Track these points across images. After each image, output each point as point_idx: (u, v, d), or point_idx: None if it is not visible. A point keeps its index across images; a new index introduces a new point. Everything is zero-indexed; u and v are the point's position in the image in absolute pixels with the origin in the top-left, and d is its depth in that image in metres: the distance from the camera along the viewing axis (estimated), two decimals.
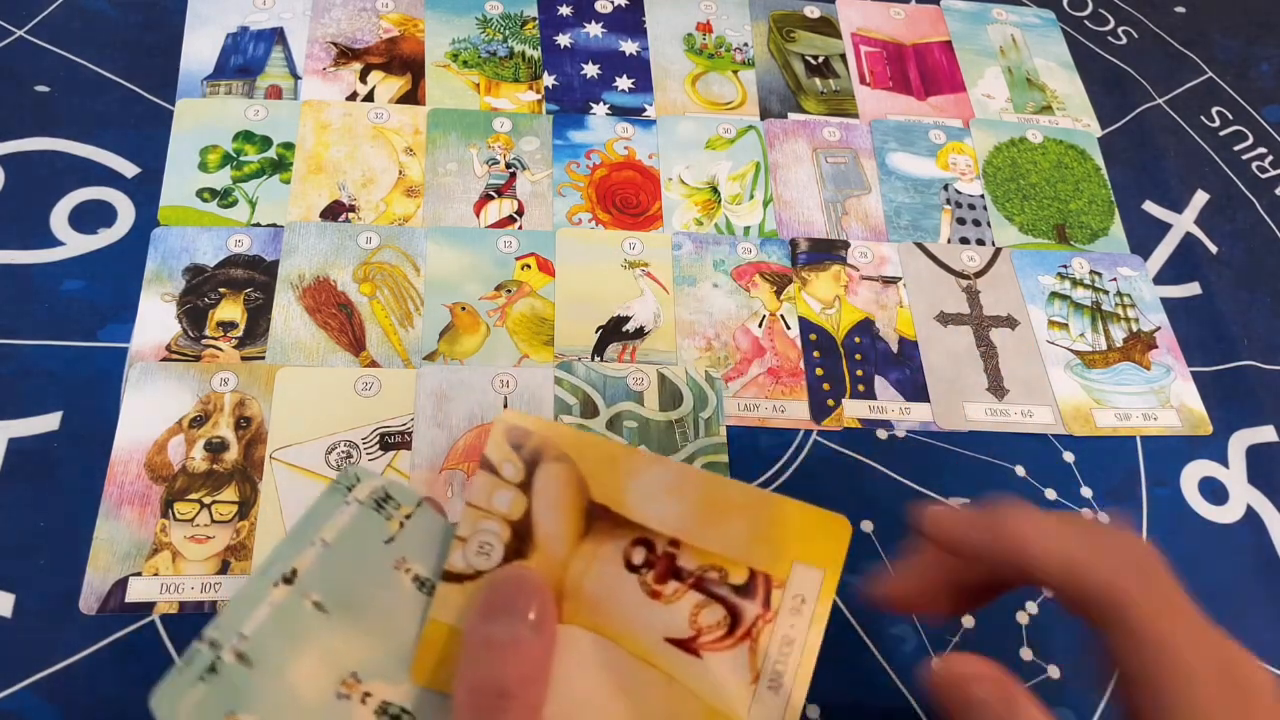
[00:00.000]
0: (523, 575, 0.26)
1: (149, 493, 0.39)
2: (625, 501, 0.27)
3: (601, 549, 0.27)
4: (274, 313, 0.44)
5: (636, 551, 0.27)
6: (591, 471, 0.27)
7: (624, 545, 0.27)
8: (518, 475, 0.27)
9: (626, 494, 0.27)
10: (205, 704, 0.24)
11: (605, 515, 0.27)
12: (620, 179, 0.51)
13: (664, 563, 0.27)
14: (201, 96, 0.49)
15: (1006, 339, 0.48)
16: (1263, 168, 0.58)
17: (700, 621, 0.26)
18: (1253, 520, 0.45)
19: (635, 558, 0.27)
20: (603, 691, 0.26)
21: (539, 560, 0.26)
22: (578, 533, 0.27)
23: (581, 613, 0.26)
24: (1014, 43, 0.60)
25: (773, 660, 0.26)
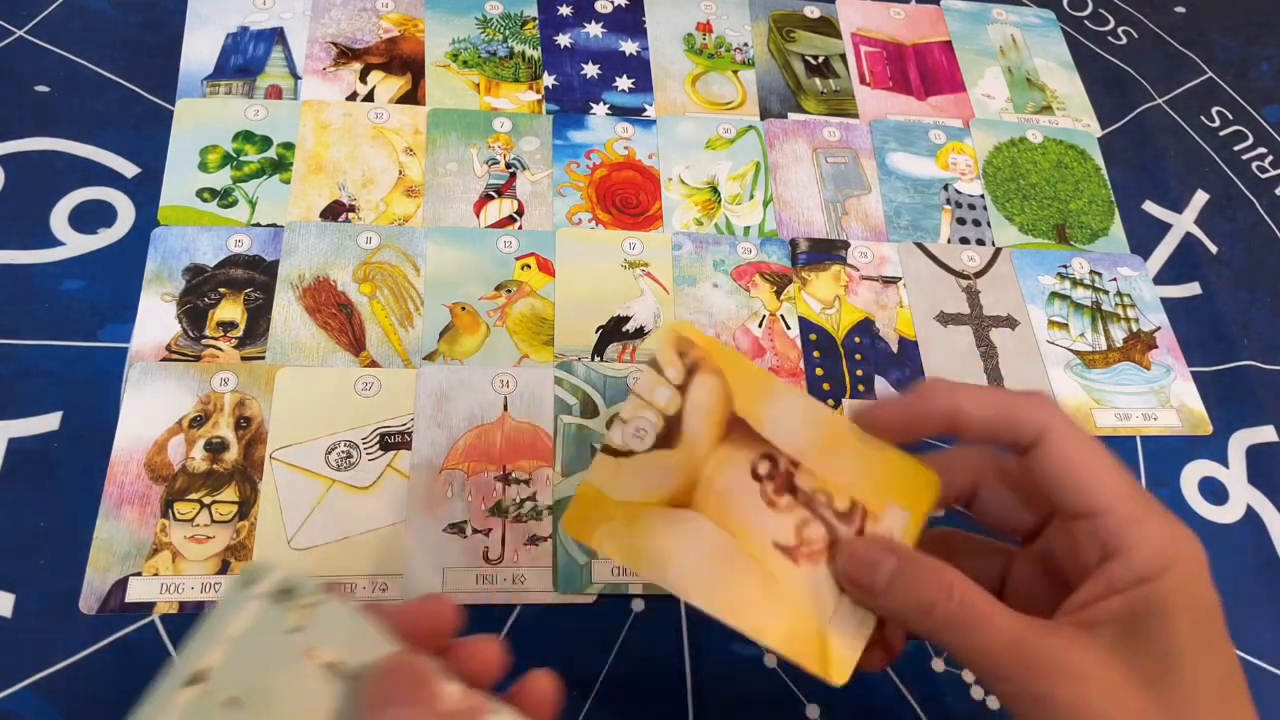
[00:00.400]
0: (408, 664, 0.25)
1: (149, 493, 0.39)
2: (763, 420, 0.31)
3: (735, 455, 0.30)
4: (274, 313, 0.44)
5: (763, 464, 0.31)
6: (739, 388, 0.31)
7: (753, 457, 0.31)
8: (678, 378, 0.31)
9: (765, 414, 0.31)
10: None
11: (743, 427, 0.31)
12: (620, 179, 0.51)
13: (783, 479, 0.31)
14: (201, 96, 0.49)
15: (1006, 339, 0.48)
16: (1263, 168, 0.58)
17: (804, 535, 0.30)
18: (1253, 520, 0.45)
19: (761, 469, 0.31)
20: (715, 574, 0.30)
21: (681, 453, 0.30)
22: (718, 437, 0.30)
23: (709, 505, 0.30)
24: (1014, 43, 0.60)
25: None
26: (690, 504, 0.30)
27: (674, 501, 0.30)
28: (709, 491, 0.30)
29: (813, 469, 0.31)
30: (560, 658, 0.38)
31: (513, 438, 0.42)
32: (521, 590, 0.39)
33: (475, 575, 0.39)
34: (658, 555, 0.30)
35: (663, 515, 0.30)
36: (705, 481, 0.30)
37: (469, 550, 0.39)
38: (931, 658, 0.40)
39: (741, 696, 0.38)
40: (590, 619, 0.39)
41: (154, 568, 0.37)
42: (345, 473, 0.40)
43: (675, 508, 0.30)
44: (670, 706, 0.37)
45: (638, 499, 0.30)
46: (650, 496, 0.30)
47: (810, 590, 0.30)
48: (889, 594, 0.29)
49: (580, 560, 0.40)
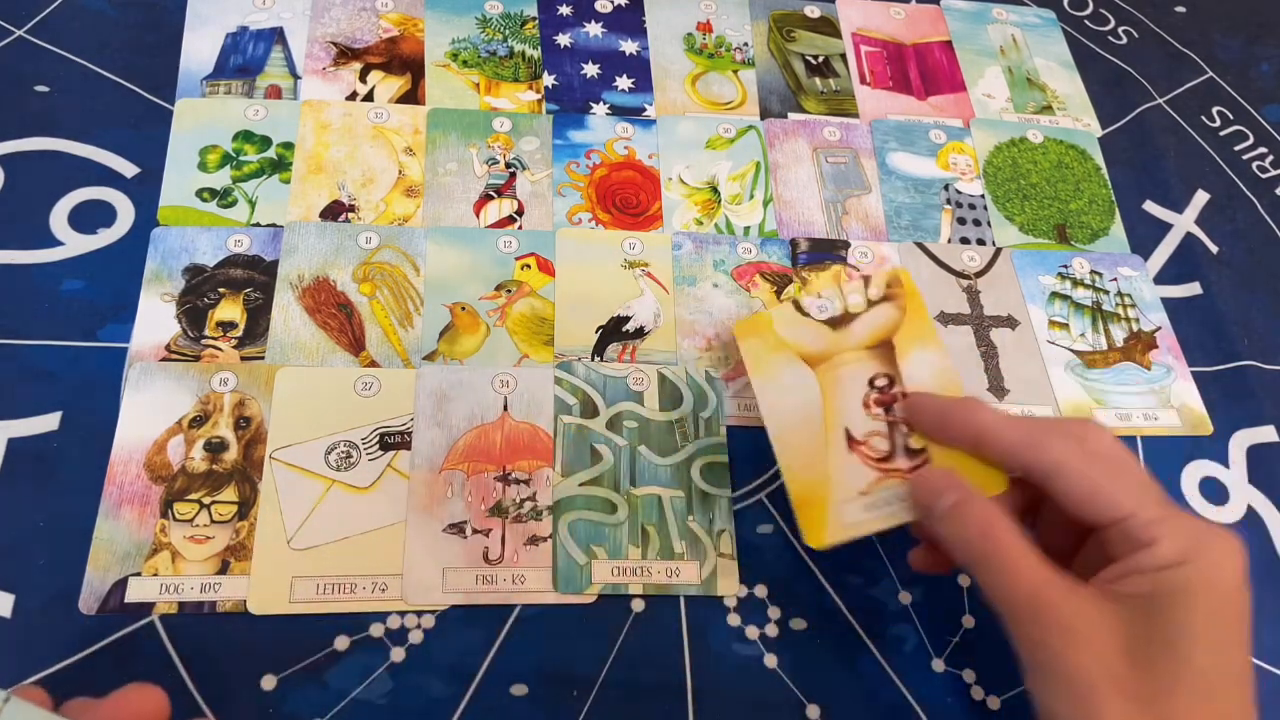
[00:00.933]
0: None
1: (149, 493, 0.39)
2: (908, 356, 0.40)
3: (869, 361, 0.40)
4: (274, 313, 0.44)
5: (882, 379, 0.39)
6: (907, 330, 0.40)
7: (880, 370, 0.40)
8: (875, 296, 0.41)
9: (911, 353, 0.40)
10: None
11: (889, 350, 0.40)
12: (620, 179, 0.51)
13: (888, 398, 0.39)
14: (201, 96, 0.49)
15: (1007, 339, 0.48)
16: (1263, 168, 0.58)
17: (871, 439, 0.38)
18: (1253, 520, 0.45)
19: (879, 381, 0.39)
20: (792, 414, 0.39)
21: (838, 337, 0.41)
22: (868, 345, 0.40)
23: (827, 376, 0.40)
24: (1014, 42, 0.60)
25: (881, 499, 0.37)
26: (815, 367, 0.40)
27: (807, 359, 0.40)
28: (833, 369, 0.40)
29: None
30: (560, 658, 0.38)
31: (513, 438, 0.42)
32: (521, 590, 0.39)
33: (475, 575, 0.39)
34: (770, 376, 0.40)
35: (793, 360, 0.40)
36: (837, 361, 0.40)
37: (469, 550, 0.39)
38: (932, 658, 0.40)
39: (741, 696, 0.38)
40: (590, 619, 0.39)
41: (154, 568, 0.37)
42: (345, 473, 0.40)
43: (805, 362, 0.40)
44: (670, 706, 0.37)
45: (789, 340, 0.41)
46: (797, 345, 0.41)
47: (844, 474, 0.37)
48: (943, 521, 0.34)
49: (580, 561, 0.40)
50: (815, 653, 0.39)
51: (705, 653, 0.39)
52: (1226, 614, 0.30)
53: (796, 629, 0.40)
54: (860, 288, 0.41)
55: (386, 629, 0.38)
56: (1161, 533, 0.31)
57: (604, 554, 0.40)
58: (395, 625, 0.38)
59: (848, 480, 0.37)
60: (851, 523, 0.37)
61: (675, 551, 0.40)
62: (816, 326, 0.41)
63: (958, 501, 0.34)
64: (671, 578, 0.40)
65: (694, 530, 0.41)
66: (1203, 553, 0.30)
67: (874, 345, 0.40)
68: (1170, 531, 0.31)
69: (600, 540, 0.40)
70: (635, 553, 0.40)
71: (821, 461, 0.38)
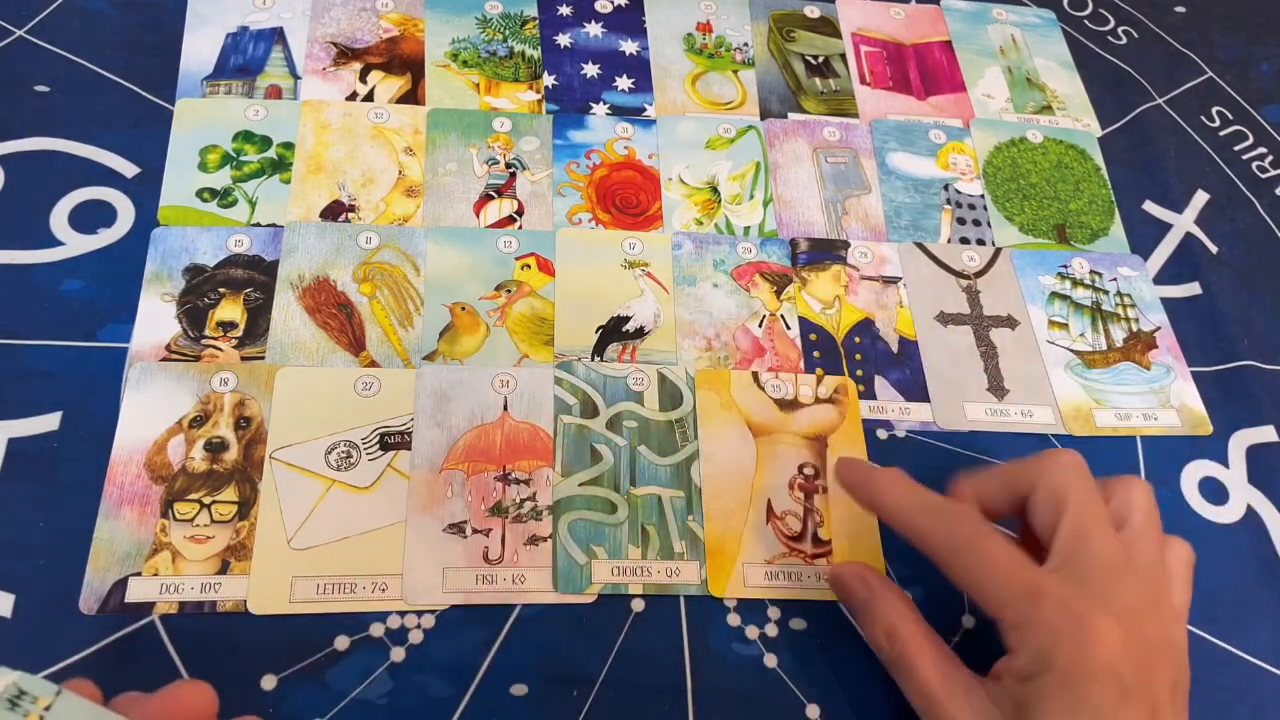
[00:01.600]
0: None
1: (149, 493, 0.39)
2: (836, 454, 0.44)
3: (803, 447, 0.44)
4: (274, 313, 0.44)
5: (810, 467, 0.43)
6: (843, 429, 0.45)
7: (810, 459, 0.44)
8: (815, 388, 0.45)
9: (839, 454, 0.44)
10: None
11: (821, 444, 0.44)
12: (620, 179, 0.51)
13: (811, 486, 0.43)
14: (201, 96, 0.49)
15: (1006, 339, 0.48)
16: (1263, 168, 0.58)
17: (787, 516, 0.42)
18: (1253, 520, 0.45)
19: (807, 469, 0.43)
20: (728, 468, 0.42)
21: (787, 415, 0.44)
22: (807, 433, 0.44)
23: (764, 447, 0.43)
24: (1014, 43, 0.60)
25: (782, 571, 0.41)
26: (757, 437, 0.43)
27: (752, 427, 0.44)
28: (772, 444, 0.43)
29: (830, 504, 0.42)
30: (560, 658, 0.38)
31: (513, 438, 0.42)
32: (521, 590, 0.39)
33: (475, 575, 0.39)
34: (717, 430, 0.43)
35: (740, 423, 0.44)
36: (776, 438, 0.43)
37: (469, 550, 0.39)
38: None
39: (741, 696, 0.38)
40: (590, 619, 0.39)
41: (154, 568, 0.37)
42: (345, 473, 0.40)
43: (750, 429, 0.44)
44: (670, 706, 0.37)
45: (740, 404, 0.44)
46: (746, 411, 0.44)
47: (756, 540, 0.41)
48: (856, 615, 0.38)
49: (580, 561, 0.40)
50: (815, 653, 0.39)
51: (705, 653, 0.39)
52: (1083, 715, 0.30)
53: (796, 629, 0.40)
54: (813, 383, 0.45)
55: (386, 629, 0.38)
56: (1018, 641, 0.32)
57: (604, 554, 0.40)
58: (395, 625, 0.38)
59: (759, 546, 0.41)
60: (752, 585, 0.40)
61: (675, 551, 0.40)
62: (767, 402, 0.44)
63: (865, 600, 0.37)
64: (671, 577, 0.40)
65: (694, 530, 0.41)
66: (1057, 656, 0.31)
67: (811, 436, 0.44)
68: (1025, 640, 0.32)
69: (600, 540, 0.40)
70: (635, 553, 0.40)
71: (740, 522, 0.41)
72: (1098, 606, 0.32)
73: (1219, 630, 0.42)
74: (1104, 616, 0.31)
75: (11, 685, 0.25)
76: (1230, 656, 0.41)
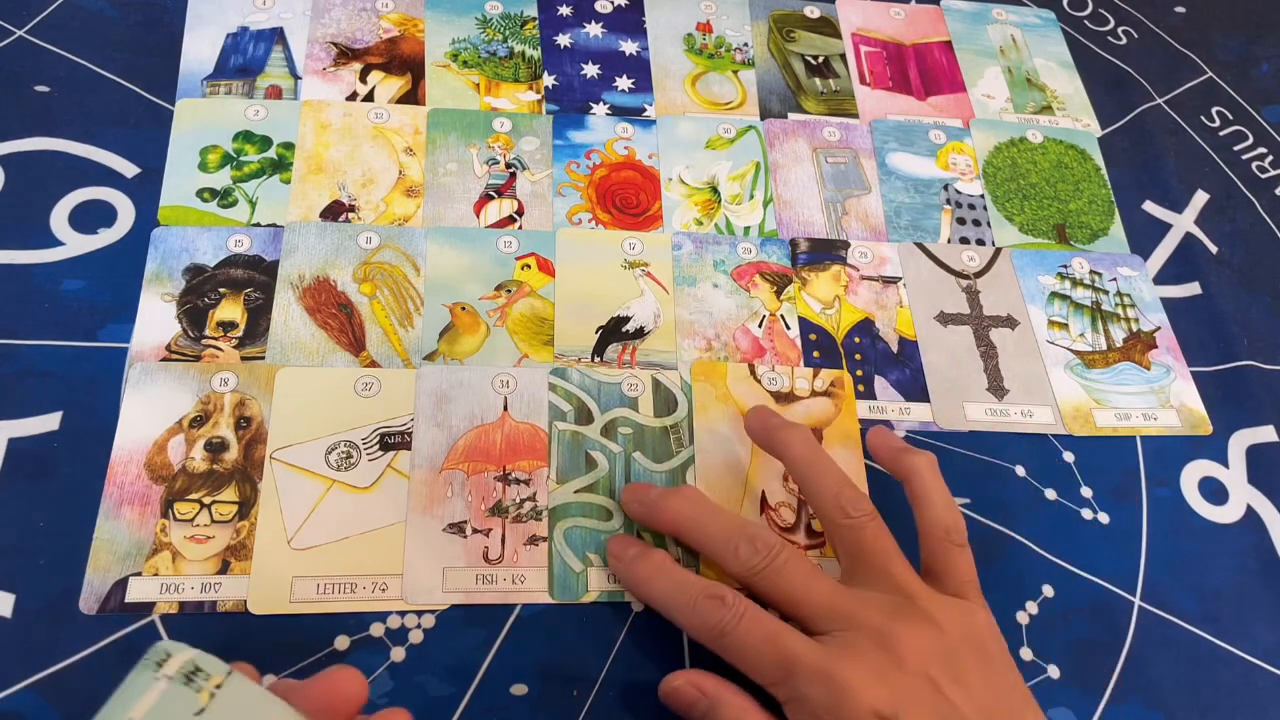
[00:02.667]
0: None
1: (149, 493, 0.39)
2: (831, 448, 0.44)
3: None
4: (274, 313, 0.44)
5: None
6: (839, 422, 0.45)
7: None
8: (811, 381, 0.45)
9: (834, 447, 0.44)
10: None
11: (817, 437, 0.44)
12: (620, 179, 0.51)
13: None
14: (201, 96, 0.49)
15: (1006, 339, 0.48)
16: (1263, 168, 0.58)
17: (781, 508, 0.42)
18: (1253, 520, 0.45)
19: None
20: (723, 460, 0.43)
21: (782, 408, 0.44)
22: None
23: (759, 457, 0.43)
24: (1014, 43, 0.60)
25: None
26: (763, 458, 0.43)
27: None
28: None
29: None
30: (560, 658, 0.38)
31: (512, 438, 0.42)
32: (521, 590, 0.39)
33: (475, 575, 0.39)
34: (713, 421, 0.43)
35: (736, 415, 0.44)
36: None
37: (469, 550, 0.39)
38: None
39: None
40: (590, 619, 0.39)
41: (154, 568, 0.37)
42: (345, 473, 0.40)
43: None
44: None
45: (736, 396, 0.44)
46: (742, 404, 0.44)
47: None
48: None
49: (576, 568, 0.40)
50: None
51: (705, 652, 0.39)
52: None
53: None
54: (809, 376, 0.45)
55: (386, 629, 0.38)
56: (789, 695, 0.33)
57: (600, 561, 0.40)
58: (395, 625, 0.38)
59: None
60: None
61: None
62: (763, 394, 0.44)
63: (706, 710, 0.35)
64: None
65: None
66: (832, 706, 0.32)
67: None
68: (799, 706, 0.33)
69: (596, 547, 0.40)
70: None
71: (735, 512, 0.41)
72: (845, 660, 0.32)
73: (1219, 630, 0.42)
74: (853, 668, 0.32)
75: (189, 662, 0.26)
76: (1230, 656, 0.41)
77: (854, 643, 0.33)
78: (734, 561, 0.36)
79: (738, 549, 0.36)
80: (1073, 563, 0.43)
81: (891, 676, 0.32)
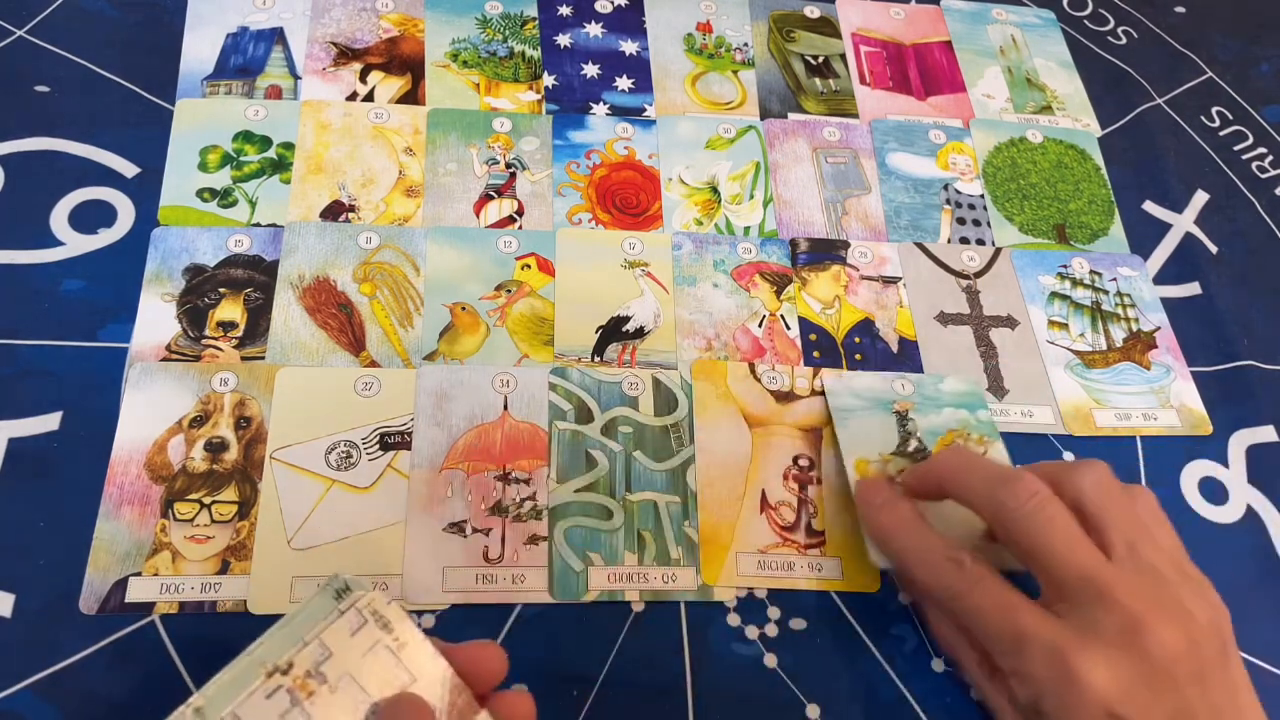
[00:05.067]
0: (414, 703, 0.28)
1: (149, 493, 0.39)
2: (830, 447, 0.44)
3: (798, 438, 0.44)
4: (274, 313, 0.44)
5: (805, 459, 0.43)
6: None
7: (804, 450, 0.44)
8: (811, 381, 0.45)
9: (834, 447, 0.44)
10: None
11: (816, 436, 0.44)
12: (620, 179, 0.51)
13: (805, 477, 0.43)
14: (201, 96, 0.49)
15: (1006, 339, 0.48)
16: (1263, 168, 0.58)
17: (781, 507, 0.42)
18: (1253, 520, 0.45)
19: (801, 460, 0.43)
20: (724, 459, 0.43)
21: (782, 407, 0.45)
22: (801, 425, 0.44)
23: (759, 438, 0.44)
24: (1014, 43, 0.60)
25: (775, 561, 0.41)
26: (752, 428, 0.44)
27: (748, 419, 0.44)
28: (767, 435, 0.43)
29: (824, 496, 0.43)
30: (560, 657, 0.38)
31: (512, 437, 0.42)
32: (521, 590, 0.39)
33: (475, 575, 0.39)
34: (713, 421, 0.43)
35: (736, 414, 0.44)
36: (772, 430, 0.44)
37: (469, 550, 0.39)
38: (931, 658, 0.40)
39: (741, 696, 0.38)
40: (590, 618, 0.39)
41: (154, 568, 0.37)
42: (345, 473, 0.40)
43: (745, 420, 0.44)
44: (670, 706, 0.37)
45: (736, 395, 0.44)
46: (742, 403, 0.44)
47: (750, 529, 0.41)
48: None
49: (576, 567, 0.40)
50: (815, 653, 0.39)
51: (705, 652, 0.39)
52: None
53: (796, 629, 0.40)
54: (809, 375, 0.45)
55: None
56: (1016, 686, 0.33)
57: (600, 560, 0.40)
58: None
59: (752, 536, 0.41)
60: (745, 574, 0.40)
61: (671, 557, 0.40)
62: (763, 393, 0.44)
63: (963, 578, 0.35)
64: (668, 584, 0.40)
65: (690, 535, 0.41)
66: (1044, 705, 0.32)
67: (806, 428, 0.44)
68: (1019, 688, 0.33)
69: (596, 547, 0.40)
70: (631, 559, 0.40)
71: (734, 512, 0.41)
72: (1081, 644, 0.31)
73: None
74: (1089, 654, 0.31)
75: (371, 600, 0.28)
76: None
77: (1099, 624, 0.31)
78: (990, 504, 0.35)
79: (995, 492, 0.34)
80: None
81: (1133, 672, 0.30)
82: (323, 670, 0.27)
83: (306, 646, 0.27)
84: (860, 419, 0.44)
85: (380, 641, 0.28)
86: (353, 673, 0.27)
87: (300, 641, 0.27)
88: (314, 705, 0.26)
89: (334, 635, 0.27)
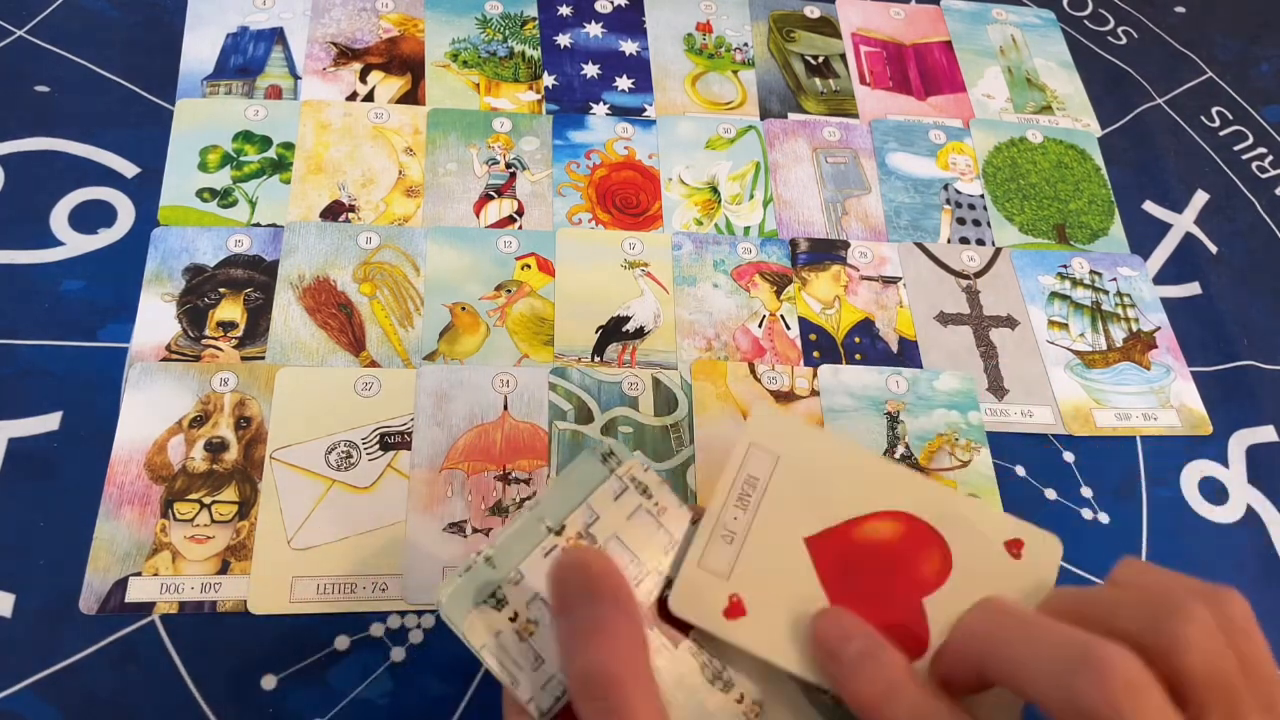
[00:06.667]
0: (588, 560, 0.27)
1: (149, 493, 0.39)
2: None
3: None
4: (274, 313, 0.44)
5: None
6: None
7: None
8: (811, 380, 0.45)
9: None
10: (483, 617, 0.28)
11: None
12: (620, 179, 0.51)
13: None
14: (201, 96, 0.49)
15: (1006, 339, 0.48)
16: (1263, 168, 0.58)
17: None
18: (1253, 520, 0.45)
19: None
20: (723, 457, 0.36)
21: (781, 407, 0.44)
22: None
23: None
24: (1014, 43, 0.60)
25: None
26: None
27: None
28: None
29: None
30: None
31: (512, 437, 0.42)
32: None
33: None
34: (713, 419, 0.43)
35: (736, 414, 0.43)
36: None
37: (469, 550, 0.39)
38: None
39: None
40: None
41: (154, 568, 0.37)
42: (345, 473, 0.40)
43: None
44: None
45: (736, 395, 0.44)
46: (742, 403, 0.44)
47: None
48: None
49: None
50: None
51: None
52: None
53: None
54: (809, 376, 0.45)
55: (387, 629, 0.38)
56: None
57: None
58: (395, 625, 0.38)
59: None
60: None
61: None
62: (763, 394, 0.44)
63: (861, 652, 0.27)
64: None
65: None
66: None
67: None
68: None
69: None
70: None
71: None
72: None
73: None
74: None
75: (636, 468, 0.30)
76: None
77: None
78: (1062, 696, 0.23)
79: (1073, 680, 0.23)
80: (1073, 563, 0.43)
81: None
82: (592, 532, 0.29)
83: (577, 509, 0.29)
84: (848, 422, 0.43)
85: (641, 506, 0.30)
86: (620, 535, 0.29)
87: (572, 504, 0.29)
88: None
89: (600, 499, 0.29)
